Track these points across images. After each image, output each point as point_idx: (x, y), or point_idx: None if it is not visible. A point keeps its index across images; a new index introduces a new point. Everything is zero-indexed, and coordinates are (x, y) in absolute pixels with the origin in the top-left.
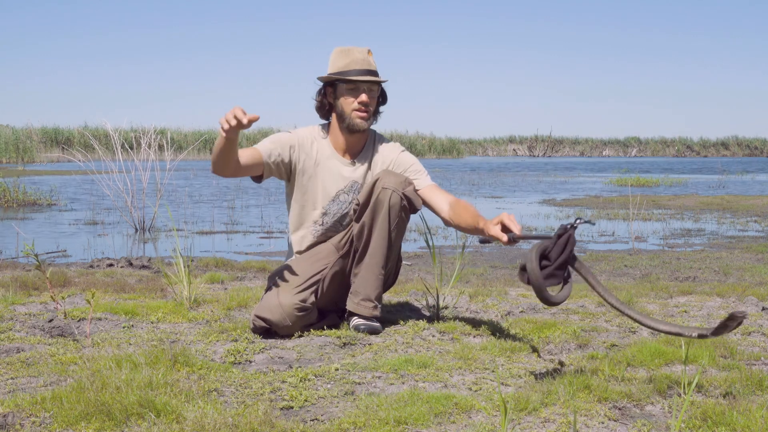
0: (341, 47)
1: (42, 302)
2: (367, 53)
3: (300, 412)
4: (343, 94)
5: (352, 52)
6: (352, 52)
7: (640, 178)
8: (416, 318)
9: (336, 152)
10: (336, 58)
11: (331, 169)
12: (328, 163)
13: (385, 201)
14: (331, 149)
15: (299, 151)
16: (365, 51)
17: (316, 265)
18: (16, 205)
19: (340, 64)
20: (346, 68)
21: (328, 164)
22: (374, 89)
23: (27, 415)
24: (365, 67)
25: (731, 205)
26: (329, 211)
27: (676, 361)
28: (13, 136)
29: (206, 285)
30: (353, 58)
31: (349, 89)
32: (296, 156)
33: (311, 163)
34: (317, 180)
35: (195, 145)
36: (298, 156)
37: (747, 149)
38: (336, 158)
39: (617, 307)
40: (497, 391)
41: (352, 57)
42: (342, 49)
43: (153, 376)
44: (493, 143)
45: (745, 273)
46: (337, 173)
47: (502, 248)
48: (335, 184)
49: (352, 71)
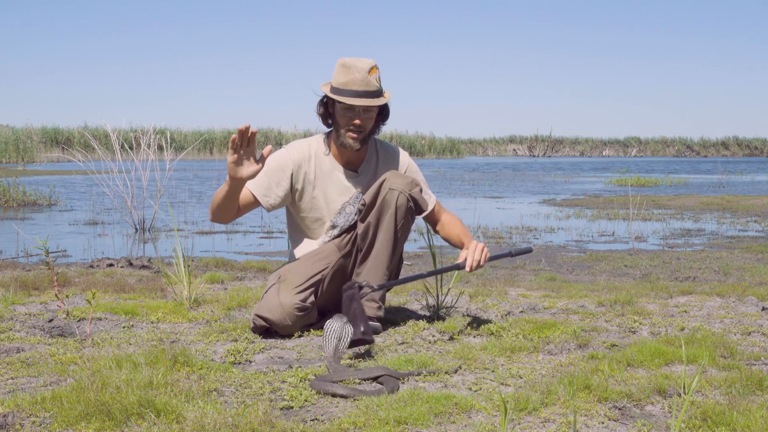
0: (345, 60)
1: (42, 302)
2: (368, 72)
3: (300, 412)
4: (339, 111)
5: (353, 69)
6: (352, 69)
7: (640, 178)
8: (416, 318)
9: (337, 164)
10: (338, 72)
11: (334, 181)
12: (330, 176)
13: (392, 202)
14: (332, 161)
15: (297, 172)
16: (366, 69)
17: (317, 264)
18: (16, 205)
19: (340, 80)
20: (344, 87)
21: (330, 177)
22: (372, 110)
23: (27, 415)
24: (363, 88)
25: (731, 205)
26: (337, 223)
27: (676, 361)
28: (13, 136)
29: (206, 285)
30: (352, 78)
31: (343, 109)
32: (296, 177)
33: (312, 178)
34: (321, 194)
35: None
36: (296, 177)
37: (747, 149)
38: (338, 170)
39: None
40: (497, 391)
41: (351, 76)
42: (345, 62)
43: (153, 376)
44: (493, 143)
45: (745, 273)
46: (341, 185)
47: (502, 248)
48: (340, 196)
49: (348, 91)
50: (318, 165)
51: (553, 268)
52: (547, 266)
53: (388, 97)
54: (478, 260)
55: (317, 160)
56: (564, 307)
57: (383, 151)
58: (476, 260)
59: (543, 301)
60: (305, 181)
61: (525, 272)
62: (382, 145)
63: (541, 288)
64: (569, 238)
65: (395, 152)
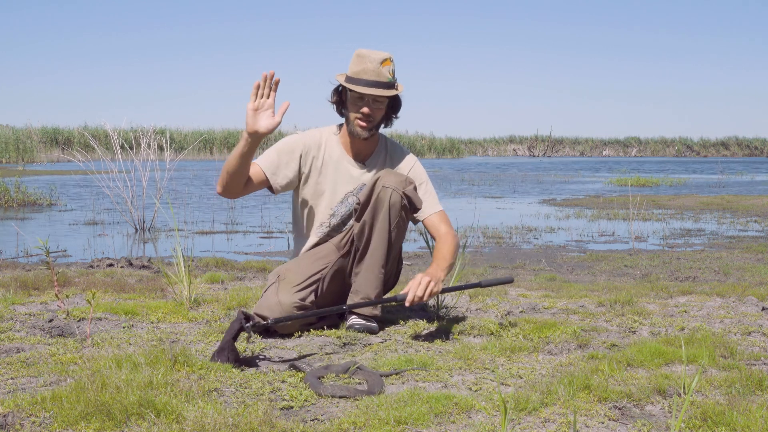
0: (360, 51)
1: (42, 302)
2: (381, 63)
3: (300, 412)
4: (350, 99)
5: (366, 59)
6: (366, 59)
7: (640, 178)
8: (416, 318)
9: (346, 154)
10: (353, 62)
11: (341, 170)
12: (337, 164)
13: (385, 200)
14: (341, 150)
15: (306, 156)
16: (380, 60)
17: (316, 264)
18: (16, 205)
19: (354, 69)
20: (356, 76)
21: (337, 166)
22: (381, 101)
23: (27, 415)
24: (374, 78)
25: (731, 205)
26: (337, 212)
27: (676, 361)
28: (13, 136)
29: (206, 285)
30: (364, 67)
31: (354, 98)
32: (304, 160)
33: (320, 164)
34: (327, 181)
35: (195, 145)
36: (305, 161)
37: (747, 149)
38: (345, 160)
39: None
40: (497, 391)
41: (363, 65)
42: (360, 53)
43: (153, 376)
44: (493, 143)
45: (745, 273)
46: (347, 174)
47: (502, 248)
48: (344, 185)
49: (359, 80)
50: (327, 152)
51: (553, 268)
52: (547, 266)
53: (401, 90)
54: (420, 296)
55: (327, 148)
56: (564, 307)
57: (392, 149)
58: (417, 296)
59: (543, 301)
60: (312, 167)
61: (525, 272)
62: (392, 144)
63: (541, 288)
64: (569, 238)
65: (403, 153)
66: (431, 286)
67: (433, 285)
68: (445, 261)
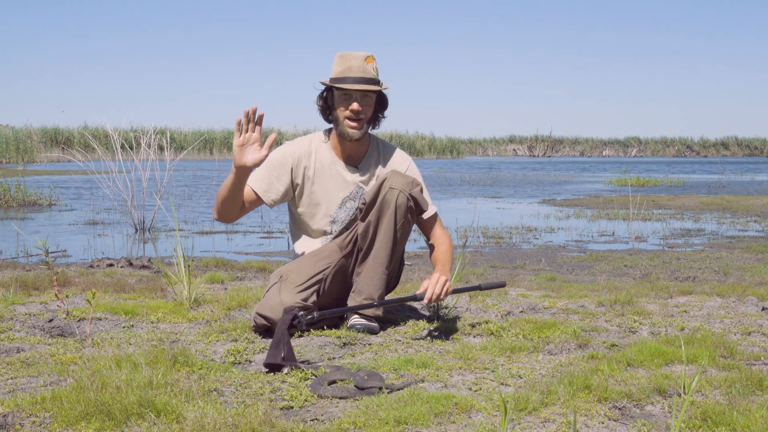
0: (342, 52)
1: (42, 302)
2: (365, 60)
3: (300, 412)
4: (337, 101)
5: (350, 58)
6: (349, 58)
7: (640, 178)
8: (416, 318)
9: (338, 159)
10: (335, 63)
11: (334, 176)
12: (330, 170)
13: (391, 201)
14: (333, 156)
15: (297, 167)
16: (363, 58)
17: (318, 264)
18: (16, 205)
19: (337, 70)
20: (341, 75)
21: (330, 172)
22: (369, 97)
23: (27, 415)
24: (360, 75)
25: (731, 205)
26: (337, 218)
27: (676, 361)
28: (13, 136)
29: (206, 285)
30: (349, 65)
31: (342, 97)
32: (296, 172)
33: (311, 174)
34: (321, 189)
35: (195, 145)
36: (296, 172)
37: (747, 149)
38: (338, 164)
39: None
40: (497, 391)
41: (347, 64)
42: (342, 54)
43: (153, 376)
44: (493, 143)
45: (745, 273)
46: (341, 179)
47: (502, 248)
48: (340, 191)
49: (346, 79)
50: (318, 160)
51: (553, 268)
52: (547, 266)
53: (386, 87)
54: (438, 294)
55: (318, 156)
56: (564, 307)
57: (384, 149)
58: (436, 293)
59: (543, 301)
60: (305, 177)
61: (525, 272)
62: (383, 143)
63: (541, 288)
64: (569, 238)
65: (397, 153)
66: (448, 285)
67: (449, 285)
68: (449, 262)
